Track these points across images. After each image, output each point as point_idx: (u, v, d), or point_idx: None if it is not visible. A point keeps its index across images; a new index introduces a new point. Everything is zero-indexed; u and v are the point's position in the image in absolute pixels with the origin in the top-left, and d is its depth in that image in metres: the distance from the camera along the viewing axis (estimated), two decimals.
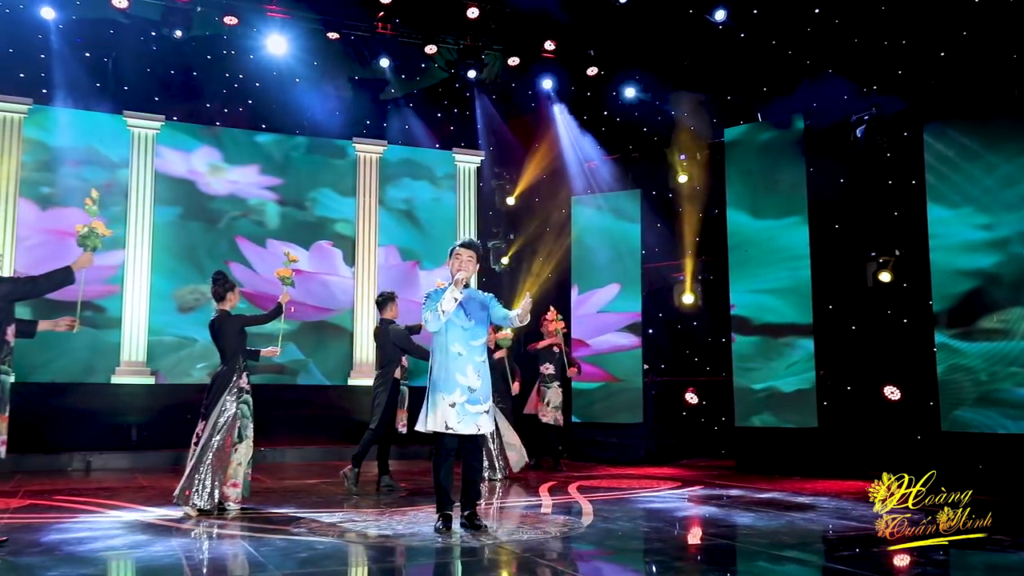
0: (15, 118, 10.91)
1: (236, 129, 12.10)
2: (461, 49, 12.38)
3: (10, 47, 10.85)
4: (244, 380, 6.47)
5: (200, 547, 5.08)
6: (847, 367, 9.88)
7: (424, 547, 5.10)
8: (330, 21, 11.68)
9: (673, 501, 7.37)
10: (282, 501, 7.06)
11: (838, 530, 5.85)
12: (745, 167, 10.60)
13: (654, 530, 5.85)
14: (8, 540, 5.10)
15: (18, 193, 10.84)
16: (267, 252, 11.90)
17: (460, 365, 5.54)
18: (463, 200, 13.13)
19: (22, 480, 8.81)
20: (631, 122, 12.20)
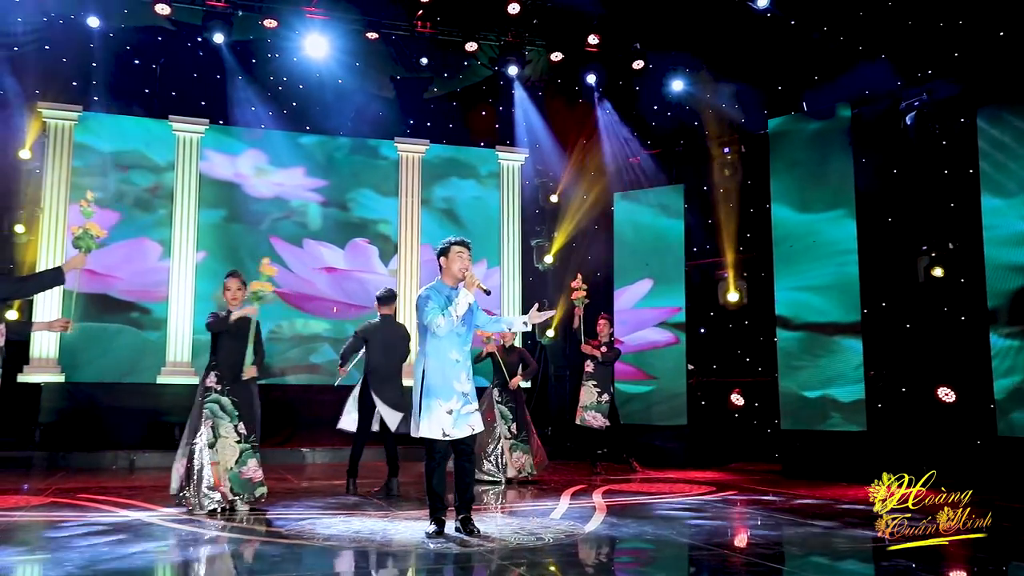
0: (66, 125, 11.22)
1: (281, 132, 12.20)
2: (502, 46, 12.26)
3: (63, 57, 11.16)
4: (211, 379, 6.40)
5: (161, 549, 5.01)
6: (898, 367, 9.40)
7: (398, 551, 4.97)
8: (369, 21, 11.69)
9: (696, 507, 7.08)
10: (293, 502, 7.05)
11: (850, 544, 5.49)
12: (790, 159, 10.19)
13: (656, 538, 5.59)
14: None
15: (69, 198, 11.14)
16: (303, 252, 12.02)
17: (456, 372, 5.43)
18: (507, 198, 12.99)
19: (63, 477, 9.02)
20: (675, 116, 11.88)
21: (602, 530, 5.79)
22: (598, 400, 9.84)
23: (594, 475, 9.57)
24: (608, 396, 9.87)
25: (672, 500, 7.49)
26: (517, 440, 8.79)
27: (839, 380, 9.59)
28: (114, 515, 6.24)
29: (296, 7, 11.31)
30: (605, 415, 9.82)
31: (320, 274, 12.14)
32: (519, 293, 12.81)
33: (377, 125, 12.55)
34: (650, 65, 12.14)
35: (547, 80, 12.81)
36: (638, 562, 5.10)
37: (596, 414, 9.83)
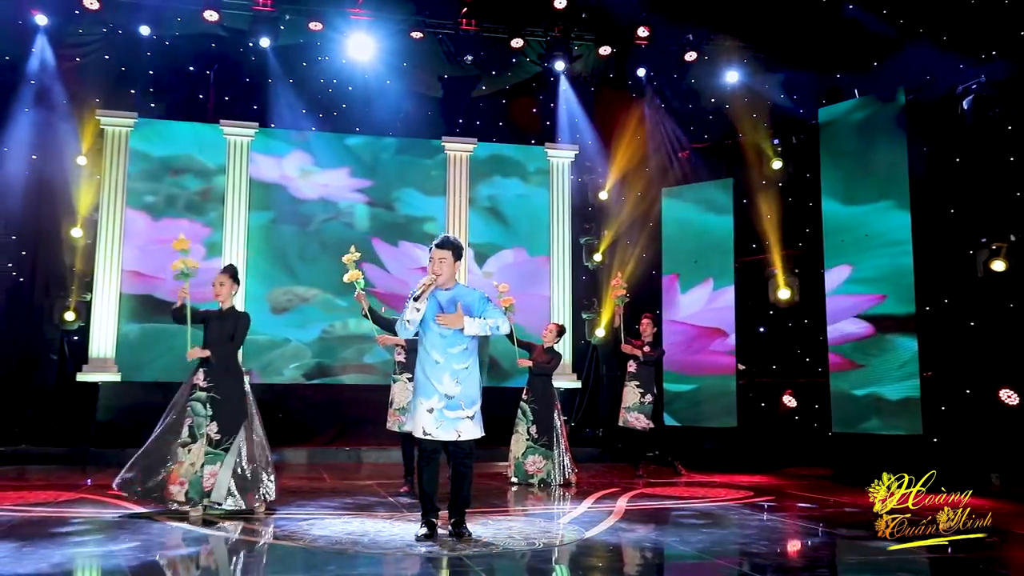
0: (123, 131, 11.57)
1: (328, 133, 12.31)
2: (549, 41, 12.09)
3: (122, 66, 11.50)
4: (199, 376, 6.29)
5: (133, 548, 5.01)
6: (956, 368, 8.86)
7: (373, 553, 4.87)
8: (414, 21, 11.68)
9: (719, 513, 6.78)
10: (308, 501, 7.05)
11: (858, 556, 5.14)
12: (841, 148, 9.77)
13: (653, 545, 5.36)
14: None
15: (125, 203, 11.47)
16: (399, 252, 12.23)
17: (437, 373, 5.28)
18: (556, 195, 12.80)
19: (113, 473, 9.21)
20: (724, 108, 11.52)
21: (602, 536, 5.59)
22: (641, 401, 9.57)
23: (636, 478, 9.32)
24: (651, 397, 9.59)
25: (699, 505, 7.22)
26: (536, 444, 8.59)
27: (892, 380, 9.12)
28: (125, 512, 6.33)
29: (340, 9, 11.38)
30: (648, 416, 9.56)
31: (417, 275, 12.18)
32: (569, 293, 12.59)
33: (425, 125, 12.53)
34: (705, 56, 11.81)
35: (596, 75, 12.57)
36: (613, 571, 4.87)
37: (639, 415, 9.57)
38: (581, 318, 12.60)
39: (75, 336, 11.19)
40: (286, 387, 11.75)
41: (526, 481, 8.57)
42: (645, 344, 9.65)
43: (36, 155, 10.98)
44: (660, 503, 7.29)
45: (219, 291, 6.53)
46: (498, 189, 12.79)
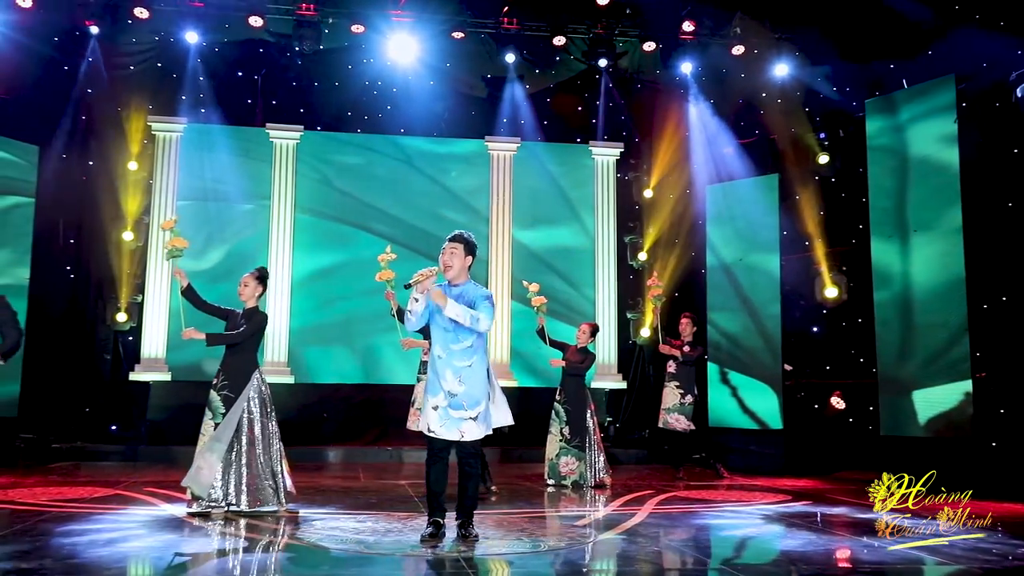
0: (173, 136, 11.85)
1: (372, 135, 12.39)
2: (592, 38, 11.96)
3: (173, 72, 11.78)
4: (219, 374, 6.39)
5: (138, 545, 5.11)
6: (1011, 368, 8.42)
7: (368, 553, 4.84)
8: (455, 20, 11.68)
9: (747, 518, 6.59)
10: (328, 500, 7.08)
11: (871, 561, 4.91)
12: (888, 141, 9.42)
13: (658, 550, 5.22)
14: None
15: (176, 206, 11.74)
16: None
17: (440, 369, 5.24)
18: (601, 194, 12.65)
19: (160, 471, 9.45)
20: (770, 103, 11.21)
21: (612, 539, 5.49)
22: (681, 402, 9.41)
23: (676, 480, 9.16)
24: (692, 398, 9.41)
25: (730, 509, 7.03)
26: (569, 445, 8.48)
27: (945, 382, 8.75)
28: (150, 510, 6.45)
29: (382, 11, 11.45)
30: (689, 417, 9.38)
31: None
32: (614, 292, 12.43)
33: (468, 125, 12.53)
34: (755, 51, 11.52)
35: (640, 71, 12.39)
36: (607, 574, 4.76)
37: (679, 416, 9.40)
38: (626, 318, 12.42)
39: (129, 336, 11.50)
40: (330, 387, 11.87)
41: (560, 483, 8.48)
42: (685, 344, 9.47)
43: (92, 161, 11.33)
44: (689, 506, 7.12)
45: (242, 291, 6.61)
46: (546, 187, 12.69)
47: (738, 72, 11.58)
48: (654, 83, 12.34)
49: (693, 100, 11.82)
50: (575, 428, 8.53)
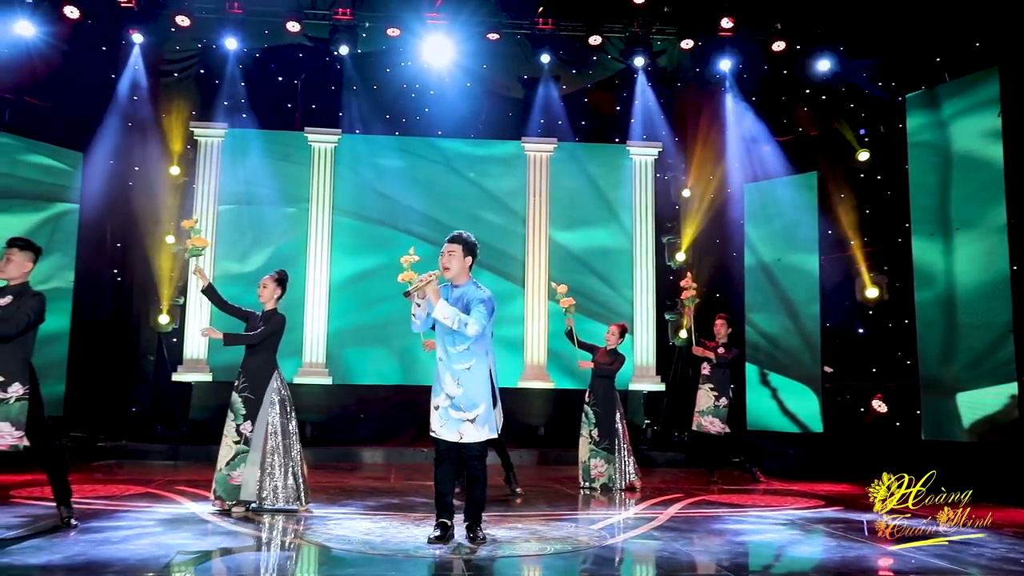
0: (215, 142, 12.07)
1: (409, 137, 12.45)
2: (628, 37, 11.87)
3: (215, 79, 12.00)
4: (239, 375, 6.48)
5: (148, 541, 5.17)
6: None
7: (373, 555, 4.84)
8: (490, 22, 11.69)
9: (768, 523, 6.44)
10: (351, 500, 7.11)
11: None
12: (930, 136, 9.14)
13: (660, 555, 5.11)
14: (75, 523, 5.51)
15: (217, 210, 11.96)
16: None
17: (440, 370, 5.24)
18: (639, 194, 12.51)
19: (197, 470, 9.63)
20: (808, 99, 10.99)
21: (621, 544, 5.41)
22: (715, 404, 9.25)
23: (710, 484, 9.01)
24: (726, 400, 9.25)
25: (756, 514, 6.88)
26: (598, 448, 8.39)
27: (990, 384, 8.44)
28: (174, 507, 6.56)
29: (418, 14, 11.51)
30: (723, 420, 9.22)
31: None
32: (652, 293, 12.29)
33: (505, 126, 12.52)
34: (797, 46, 11.29)
35: (678, 70, 12.25)
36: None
37: (713, 419, 9.25)
38: (664, 319, 12.27)
39: (173, 338, 11.74)
40: (367, 388, 11.94)
41: (591, 485, 8.41)
42: (719, 345, 9.31)
43: (136, 166, 11.59)
44: (714, 511, 6.99)
45: (261, 293, 6.69)
46: (583, 188, 12.61)
47: (777, 68, 11.37)
48: (692, 81, 12.18)
49: (731, 98, 11.62)
50: (604, 430, 8.43)
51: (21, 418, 5.12)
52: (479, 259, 11.87)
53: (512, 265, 12.38)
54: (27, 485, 7.35)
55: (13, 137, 10.26)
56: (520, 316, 12.21)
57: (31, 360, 5.29)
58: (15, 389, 5.12)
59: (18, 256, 5.47)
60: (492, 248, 12.32)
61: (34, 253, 5.55)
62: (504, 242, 12.38)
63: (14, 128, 10.28)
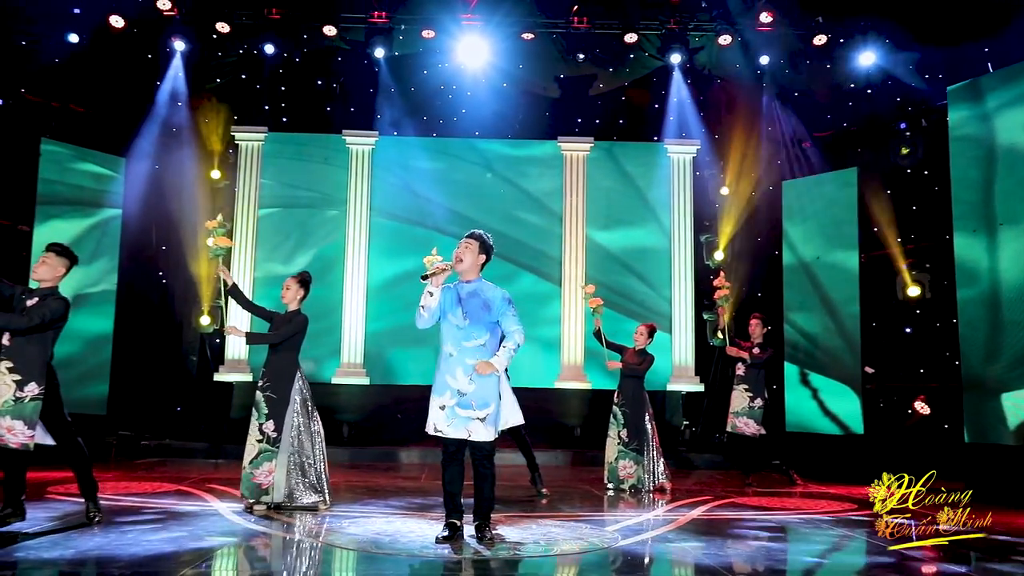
0: (255, 145, 12.29)
1: (446, 138, 12.51)
2: (665, 34, 11.73)
3: (255, 84, 12.21)
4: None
5: (164, 537, 5.25)
6: None
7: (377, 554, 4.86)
8: (525, 22, 11.67)
9: (794, 527, 6.30)
10: (376, 500, 7.16)
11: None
12: (973, 129, 8.83)
13: (676, 558, 5.04)
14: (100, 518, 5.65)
15: (258, 213, 12.17)
16: None
17: (450, 367, 5.19)
18: (677, 192, 12.37)
19: (235, 468, 9.75)
20: (848, 94, 10.75)
21: (633, 546, 5.35)
22: (750, 405, 9.08)
23: (745, 486, 8.85)
24: (761, 401, 9.07)
25: (780, 518, 6.74)
26: (627, 449, 8.31)
27: None
28: (198, 505, 6.67)
29: (453, 15, 11.54)
30: (758, 422, 9.05)
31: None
32: (691, 293, 12.13)
33: (542, 126, 12.49)
34: (841, 40, 11.05)
35: (717, 66, 12.05)
36: None
37: (748, 420, 9.08)
38: (703, 319, 12.10)
39: (216, 339, 11.98)
40: (405, 388, 12.00)
41: (619, 487, 8.34)
42: (754, 346, 9.15)
43: (178, 171, 11.84)
44: (740, 513, 6.87)
45: (285, 294, 6.78)
46: (617, 188, 12.52)
47: (816, 63, 11.14)
48: (730, 77, 11.98)
49: (770, 93, 11.43)
50: (633, 431, 8.37)
51: (34, 417, 5.26)
52: (518, 260, 12.10)
53: (550, 265, 12.35)
54: (65, 482, 7.53)
55: (62, 144, 10.57)
56: (557, 316, 12.18)
57: (50, 362, 5.43)
58: (31, 389, 5.26)
59: (52, 260, 5.63)
60: (530, 248, 12.34)
61: (69, 260, 5.71)
62: (542, 242, 12.36)
63: (60, 135, 10.59)
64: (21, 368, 5.31)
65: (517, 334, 5.20)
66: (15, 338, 5.34)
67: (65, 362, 10.31)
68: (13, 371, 5.31)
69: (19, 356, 5.33)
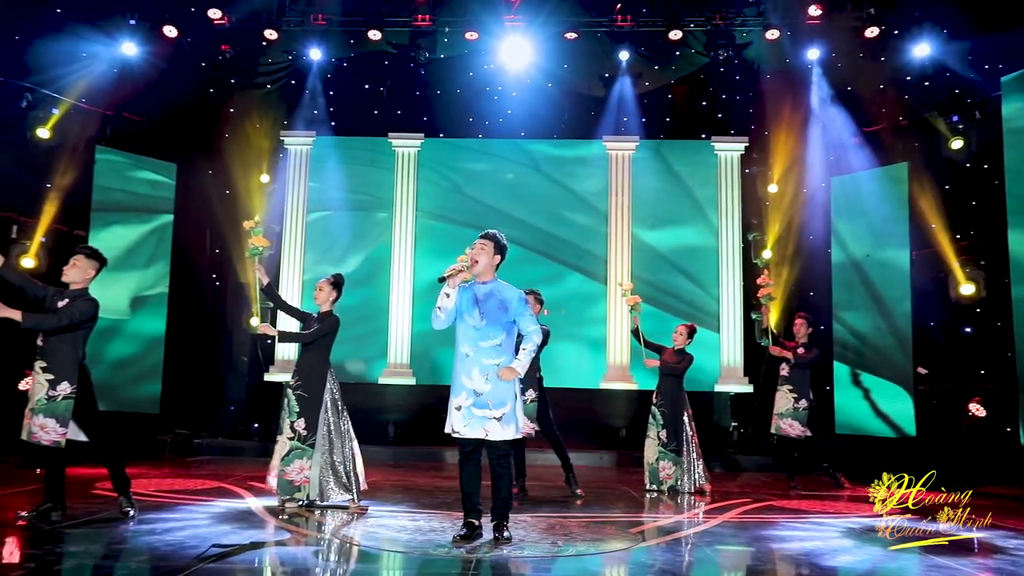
0: (303, 149, 12.50)
1: (495, 139, 12.53)
2: (710, 30, 11.57)
3: (304, 88, 12.42)
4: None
5: (188, 533, 5.36)
6: None
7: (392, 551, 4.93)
8: (568, 22, 11.64)
9: (818, 532, 6.14)
10: (404, 499, 7.21)
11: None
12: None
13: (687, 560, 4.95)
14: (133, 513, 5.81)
15: (306, 216, 12.38)
16: None
17: (466, 367, 5.22)
18: (725, 190, 12.17)
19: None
20: (899, 86, 10.41)
21: (644, 548, 5.31)
22: (795, 407, 8.90)
23: (790, 489, 8.67)
24: (806, 402, 8.88)
25: (815, 522, 6.58)
26: (666, 450, 8.22)
27: None
28: (234, 502, 6.82)
29: (496, 16, 11.57)
30: (803, 423, 8.86)
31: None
32: (740, 292, 11.93)
33: (587, 125, 12.40)
34: (895, 31, 10.76)
35: (764, 61, 11.83)
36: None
37: (793, 422, 8.91)
38: (751, 319, 11.89)
39: (267, 340, 12.19)
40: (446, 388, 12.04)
41: (659, 488, 8.25)
42: (799, 346, 8.96)
43: (228, 175, 12.10)
44: (774, 516, 6.74)
45: (317, 295, 6.90)
46: (664, 186, 12.38)
47: (866, 56, 10.84)
48: (778, 72, 11.73)
49: (818, 88, 11.16)
50: (672, 432, 8.29)
51: (66, 415, 5.45)
52: (565, 260, 12.06)
53: (597, 265, 12.27)
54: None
55: (117, 152, 10.90)
56: (603, 316, 12.10)
57: (82, 361, 5.62)
58: (63, 388, 5.45)
59: (83, 262, 5.81)
60: (577, 248, 12.29)
61: (98, 262, 5.89)
62: (589, 242, 12.30)
63: (115, 143, 10.93)
64: (54, 368, 5.50)
65: (535, 335, 5.24)
66: (49, 339, 5.54)
67: (122, 362, 10.77)
68: (47, 371, 5.51)
69: (52, 356, 5.53)
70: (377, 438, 11.44)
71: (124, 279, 10.71)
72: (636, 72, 12.19)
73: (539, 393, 7.73)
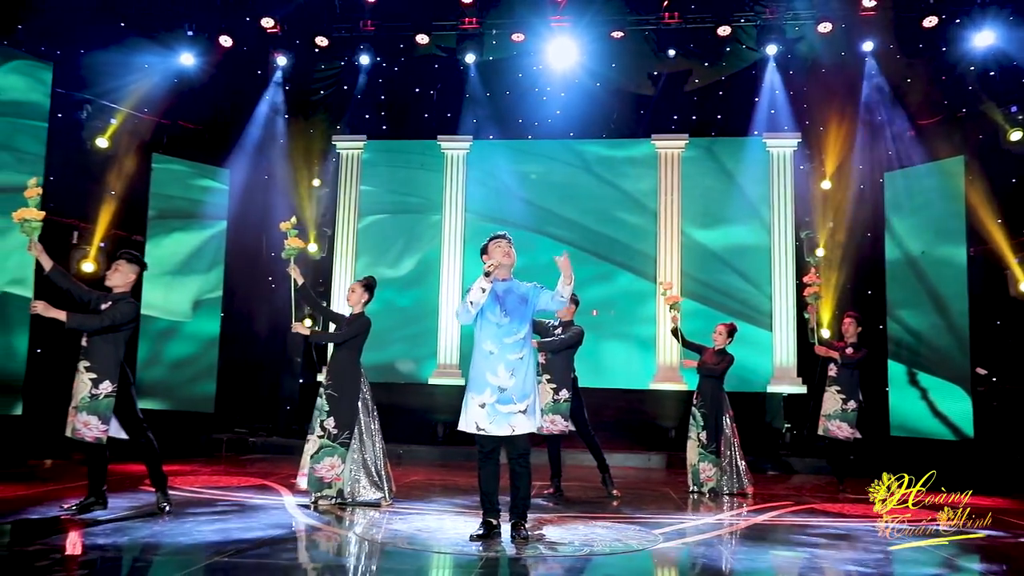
0: (355, 153, 12.72)
1: (545, 140, 12.54)
2: (761, 25, 11.38)
3: (356, 94, 12.62)
4: (323, 373, 6.75)
5: (215, 527, 5.48)
6: None
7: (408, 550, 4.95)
8: (614, 20, 11.59)
9: (845, 536, 5.98)
10: (432, 498, 7.27)
11: None
12: None
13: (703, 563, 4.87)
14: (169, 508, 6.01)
15: (358, 219, 12.58)
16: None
17: (491, 364, 5.24)
18: (777, 188, 11.94)
19: None
20: (956, 78, 10.07)
21: (662, 550, 5.23)
22: (843, 408, 8.65)
23: (839, 492, 8.47)
24: (855, 403, 8.64)
25: (847, 526, 6.40)
26: (706, 451, 8.11)
27: None
28: (270, 498, 6.96)
29: (542, 17, 11.58)
30: (852, 424, 8.62)
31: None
32: (792, 291, 11.68)
33: (637, 124, 12.34)
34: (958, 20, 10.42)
35: (817, 55, 11.57)
36: None
37: (841, 424, 8.66)
38: (803, 319, 11.62)
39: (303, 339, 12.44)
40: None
41: (700, 489, 8.15)
42: (847, 345, 8.74)
43: (282, 180, 12.38)
44: (808, 520, 6.59)
45: (350, 297, 7.00)
46: (715, 184, 12.21)
47: (921, 47, 10.52)
48: (831, 66, 11.46)
49: (872, 81, 10.87)
50: (712, 433, 8.17)
51: (108, 413, 5.66)
52: (614, 259, 12.00)
53: (647, 264, 12.18)
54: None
55: (173, 159, 11.25)
56: (652, 316, 11.99)
57: (123, 361, 5.82)
58: (105, 387, 5.66)
59: (124, 267, 6.03)
60: (628, 248, 12.23)
61: (139, 266, 6.12)
62: (639, 241, 12.23)
63: (171, 151, 11.27)
64: (97, 367, 5.71)
65: (563, 287, 5.21)
66: (92, 339, 5.76)
67: (180, 363, 11.11)
68: (90, 370, 5.72)
69: (95, 356, 5.75)
70: (427, 438, 11.55)
71: (187, 283, 11.08)
72: (685, 69, 12.07)
73: (573, 393, 7.70)
